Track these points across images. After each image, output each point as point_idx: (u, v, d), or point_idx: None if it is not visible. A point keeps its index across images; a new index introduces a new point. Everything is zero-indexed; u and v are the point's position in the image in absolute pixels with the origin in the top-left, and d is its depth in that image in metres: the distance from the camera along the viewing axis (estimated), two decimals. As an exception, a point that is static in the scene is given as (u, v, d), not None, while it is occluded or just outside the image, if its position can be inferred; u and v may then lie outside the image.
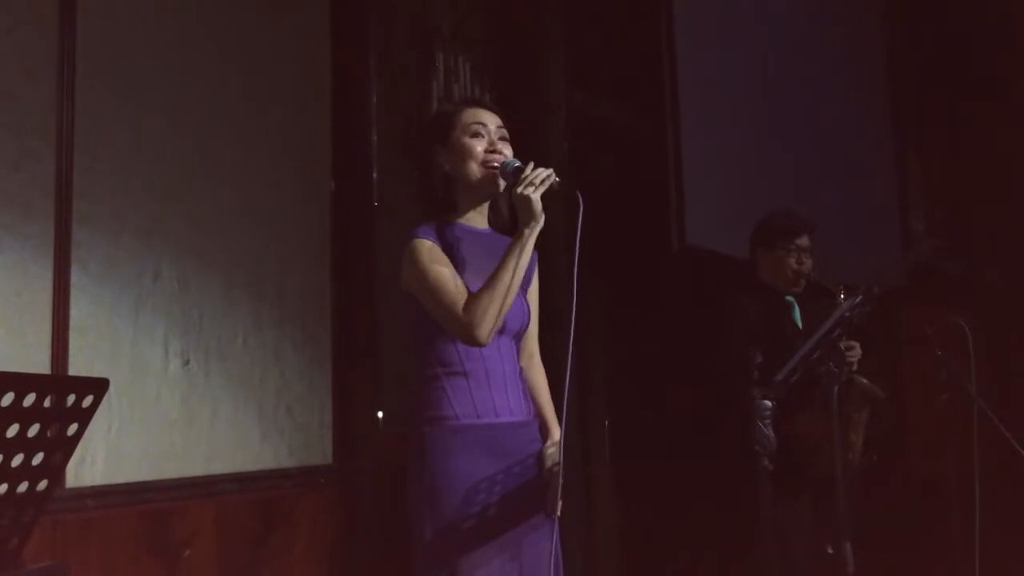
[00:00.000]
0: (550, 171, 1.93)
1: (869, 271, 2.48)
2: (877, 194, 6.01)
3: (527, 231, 1.91)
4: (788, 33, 5.12)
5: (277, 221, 2.92)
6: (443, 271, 1.97)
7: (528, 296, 2.14)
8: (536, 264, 2.16)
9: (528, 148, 2.17)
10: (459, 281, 1.96)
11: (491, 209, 2.12)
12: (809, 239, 3.11)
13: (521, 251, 1.91)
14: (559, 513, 1.99)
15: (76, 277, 2.39)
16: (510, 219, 2.10)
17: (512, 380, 2.05)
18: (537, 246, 2.00)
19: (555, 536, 2.03)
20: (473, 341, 1.93)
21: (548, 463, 2.03)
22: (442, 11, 3.35)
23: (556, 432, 2.12)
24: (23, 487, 1.45)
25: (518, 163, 1.99)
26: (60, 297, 2.35)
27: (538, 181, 1.91)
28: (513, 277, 1.91)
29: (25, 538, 1.48)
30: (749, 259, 3.21)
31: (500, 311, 1.91)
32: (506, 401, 2.02)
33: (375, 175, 3.08)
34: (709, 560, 3.56)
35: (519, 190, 1.91)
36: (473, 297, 1.92)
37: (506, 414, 2.01)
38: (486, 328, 1.90)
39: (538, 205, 1.90)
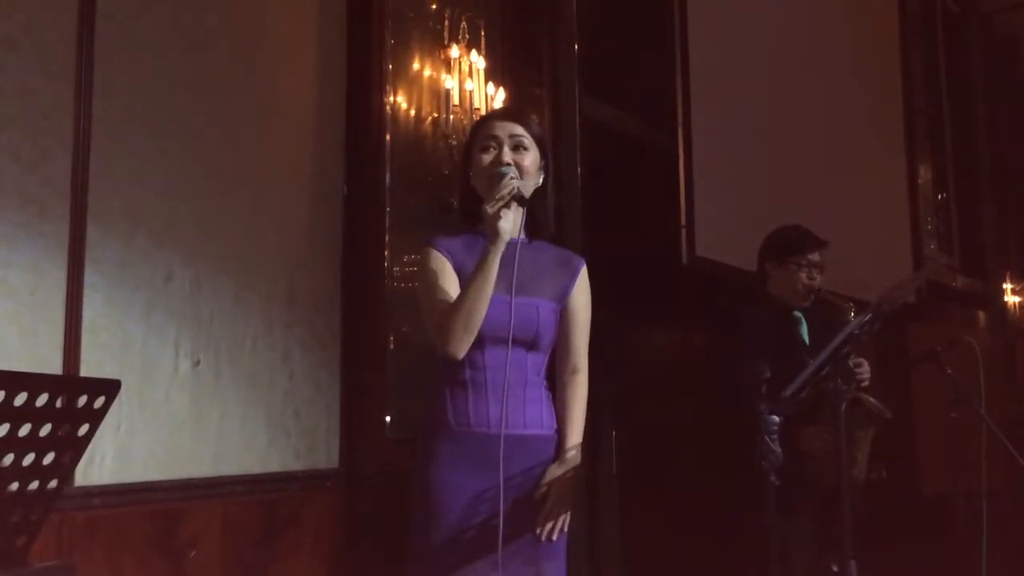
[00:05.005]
0: (513, 185, 1.92)
1: (879, 288, 2.48)
2: (888, 210, 6.00)
3: (492, 249, 1.90)
4: (802, 47, 5.11)
5: (289, 224, 2.93)
6: (435, 284, 1.99)
7: (572, 309, 2.11)
8: (580, 277, 2.14)
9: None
10: (448, 296, 1.97)
11: (528, 216, 2.08)
12: (820, 255, 3.11)
13: (482, 269, 1.90)
14: (545, 537, 1.96)
15: (90, 277, 2.41)
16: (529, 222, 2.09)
17: (517, 392, 2.01)
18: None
19: (563, 556, 2.01)
20: (447, 354, 1.95)
21: (545, 479, 2.01)
22: (456, 15, 3.37)
23: (564, 448, 2.06)
24: (33, 486, 1.45)
25: (503, 173, 1.97)
26: (73, 296, 2.36)
27: (499, 196, 1.90)
28: (478, 294, 1.90)
29: (33, 537, 1.49)
30: (757, 272, 3.20)
31: (466, 327, 1.91)
32: (502, 413, 1.96)
33: (387, 180, 3.09)
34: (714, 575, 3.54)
35: (486, 208, 1.91)
36: (441, 313, 1.94)
37: (498, 426, 1.95)
38: (453, 342, 1.92)
39: (496, 222, 1.88)
